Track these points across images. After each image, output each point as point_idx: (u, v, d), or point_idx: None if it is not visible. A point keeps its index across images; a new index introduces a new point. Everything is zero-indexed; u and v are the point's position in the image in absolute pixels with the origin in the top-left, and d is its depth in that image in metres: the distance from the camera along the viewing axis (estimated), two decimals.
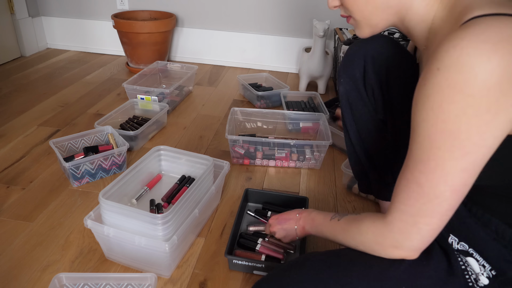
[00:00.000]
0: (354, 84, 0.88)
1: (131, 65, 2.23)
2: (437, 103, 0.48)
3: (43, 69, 2.21)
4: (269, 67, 2.34)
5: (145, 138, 1.50)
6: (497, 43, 0.45)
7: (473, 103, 0.46)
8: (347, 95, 0.90)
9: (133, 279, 0.83)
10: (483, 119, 0.46)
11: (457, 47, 0.46)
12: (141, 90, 1.68)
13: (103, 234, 0.89)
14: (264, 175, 1.34)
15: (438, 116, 0.49)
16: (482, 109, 0.46)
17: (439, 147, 0.49)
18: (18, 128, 1.57)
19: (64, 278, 0.81)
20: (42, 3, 2.44)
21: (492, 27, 0.46)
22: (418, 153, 0.52)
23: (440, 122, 0.49)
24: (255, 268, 0.93)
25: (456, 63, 0.46)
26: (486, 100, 0.45)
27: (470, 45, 0.46)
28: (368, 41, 0.86)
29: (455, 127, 0.48)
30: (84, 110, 1.74)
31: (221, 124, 1.67)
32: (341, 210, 1.18)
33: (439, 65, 0.48)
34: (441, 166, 0.50)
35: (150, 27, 2.06)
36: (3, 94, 1.87)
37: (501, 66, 0.44)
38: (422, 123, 0.51)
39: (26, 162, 1.35)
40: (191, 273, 0.95)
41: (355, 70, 0.87)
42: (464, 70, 0.46)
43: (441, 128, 0.49)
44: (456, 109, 0.47)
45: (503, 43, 0.45)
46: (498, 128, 0.47)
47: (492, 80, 0.45)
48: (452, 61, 0.47)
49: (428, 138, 0.50)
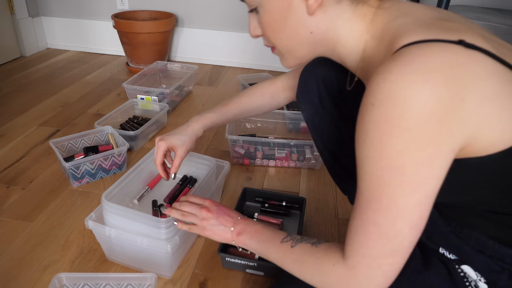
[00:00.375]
0: (314, 108, 0.88)
1: (131, 65, 2.23)
2: (377, 139, 0.47)
3: (43, 69, 2.22)
4: (269, 67, 2.34)
5: (145, 138, 1.50)
6: (426, 73, 0.44)
7: (413, 137, 0.45)
8: (311, 120, 0.90)
9: (133, 279, 0.83)
10: (427, 152, 0.45)
11: (387, 81, 0.45)
12: (141, 90, 1.69)
13: (104, 235, 0.89)
14: (264, 175, 1.34)
15: (381, 152, 0.47)
16: (423, 142, 0.45)
17: (388, 184, 0.48)
18: (18, 128, 1.57)
19: (64, 278, 0.81)
20: (42, 3, 2.44)
21: (419, 56, 0.45)
22: (369, 192, 0.50)
23: (384, 158, 0.47)
24: (247, 266, 0.93)
25: (388, 97, 0.45)
26: (425, 133, 0.44)
27: (399, 78, 0.44)
28: (316, 63, 0.84)
29: (399, 162, 0.46)
30: (84, 110, 1.74)
31: None
32: (340, 210, 1.18)
33: (373, 100, 0.47)
34: (394, 203, 0.48)
35: (150, 27, 2.06)
36: (3, 94, 1.88)
37: (433, 97, 0.43)
38: (366, 160, 0.49)
39: (26, 162, 1.35)
40: (191, 273, 0.95)
41: (312, 95, 0.86)
42: (397, 104, 0.44)
43: (386, 164, 0.47)
44: (397, 144, 0.45)
45: (432, 72, 0.44)
46: (443, 159, 0.46)
47: (426, 112, 0.43)
48: (384, 95, 0.45)
49: (375, 176, 0.48)
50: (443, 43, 0.46)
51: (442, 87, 0.43)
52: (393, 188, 0.47)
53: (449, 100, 0.43)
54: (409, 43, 0.47)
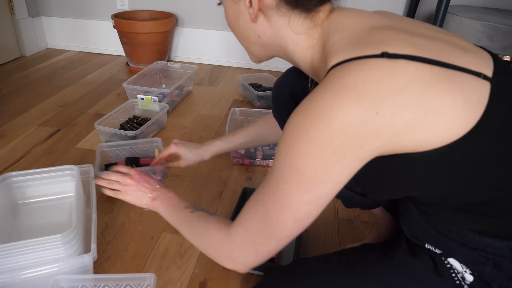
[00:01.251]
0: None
1: (131, 65, 2.23)
2: (288, 140, 0.52)
3: (43, 69, 2.21)
4: (269, 67, 2.34)
5: (145, 138, 1.49)
6: (339, 91, 0.48)
7: (318, 145, 0.49)
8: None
9: (132, 279, 0.83)
10: (329, 160, 0.49)
11: (309, 97, 0.52)
12: (141, 90, 1.68)
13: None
14: (264, 175, 1.34)
15: (288, 152, 0.52)
16: (327, 151, 0.49)
17: (287, 180, 0.52)
18: (18, 128, 1.57)
19: (62, 280, 0.81)
20: (42, 3, 2.44)
21: (337, 77, 0.50)
22: (270, 180, 0.55)
23: (289, 158, 0.52)
24: None
25: (306, 108, 0.51)
26: (330, 143, 0.48)
27: (318, 95, 0.50)
28: (285, 76, 0.89)
29: (301, 165, 0.50)
30: (84, 110, 1.74)
31: (221, 124, 1.66)
32: (340, 210, 1.18)
33: (297, 108, 0.53)
34: (287, 196, 0.53)
35: (150, 27, 2.06)
36: (3, 94, 1.88)
37: (343, 112, 0.47)
38: (277, 153, 0.54)
39: (26, 162, 1.35)
40: (191, 273, 0.94)
41: (284, 110, 0.88)
42: (310, 115, 0.50)
43: (289, 163, 0.52)
44: (303, 149, 0.50)
45: (344, 90, 0.48)
46: (345, 167, 0.50)
47: (334, 125, 0.48)
48: (304, 107, 0.51)
49: (279, 169, 0.53)
50: (366, 59, 0.49)
51: (354, 104, 0.47)
52: (290, 184, 0.52)
53: (360, 115, 0.47)
54: (336, 63, 0.52)
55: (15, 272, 0.79)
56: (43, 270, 0.81)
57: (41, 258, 0.81)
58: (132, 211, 1.14)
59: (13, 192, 1.07)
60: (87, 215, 1.03)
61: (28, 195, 1.10)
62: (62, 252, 0.82)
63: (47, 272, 0.81)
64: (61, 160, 1.37)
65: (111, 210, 1.14)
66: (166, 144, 1.47)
